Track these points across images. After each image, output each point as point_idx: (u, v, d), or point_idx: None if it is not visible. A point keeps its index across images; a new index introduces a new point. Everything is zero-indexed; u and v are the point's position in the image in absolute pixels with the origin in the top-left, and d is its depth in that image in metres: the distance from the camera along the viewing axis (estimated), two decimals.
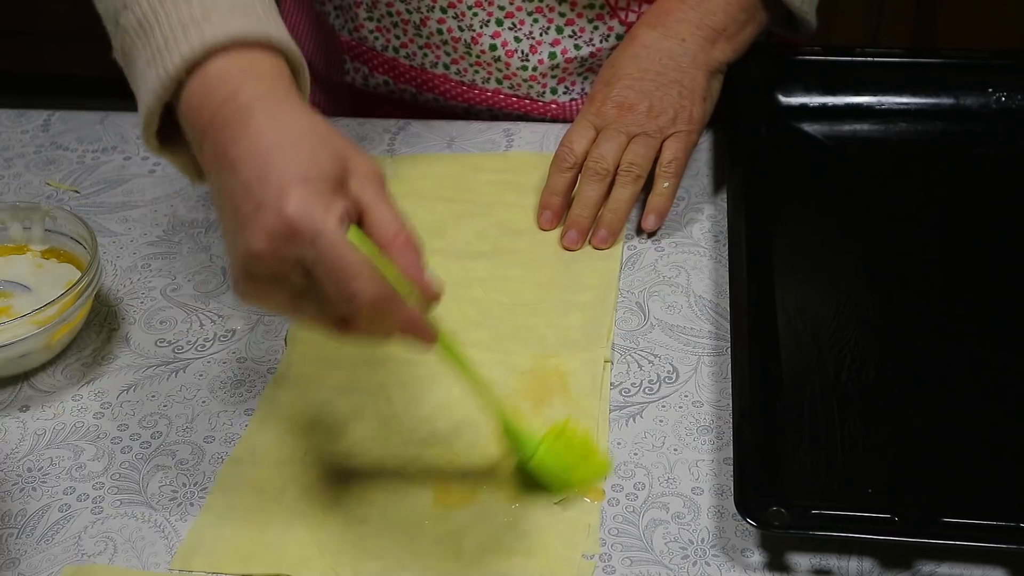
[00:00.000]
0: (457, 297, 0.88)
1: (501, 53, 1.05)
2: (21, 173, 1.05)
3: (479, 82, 1.09)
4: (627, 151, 0.96)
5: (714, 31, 1.00)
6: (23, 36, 2.60)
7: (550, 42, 1.05)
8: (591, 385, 0.84)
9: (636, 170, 0.95)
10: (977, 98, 1.05)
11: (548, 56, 1.05)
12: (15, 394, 0.86)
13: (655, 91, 0.97)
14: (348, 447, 0.80)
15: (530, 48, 1.05)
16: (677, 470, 0.79)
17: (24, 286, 0.89)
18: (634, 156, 0.96)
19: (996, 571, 0.72)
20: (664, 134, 0.97)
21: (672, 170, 0.96)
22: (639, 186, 0.96)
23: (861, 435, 0.78)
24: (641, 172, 0.95)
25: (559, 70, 1.06)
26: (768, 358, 0.83)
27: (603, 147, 0.96)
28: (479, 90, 1.10)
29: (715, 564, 0.73)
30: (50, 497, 0.78)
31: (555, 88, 1.08)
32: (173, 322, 0.91)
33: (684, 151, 0.97)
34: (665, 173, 0.96)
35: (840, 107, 1.05)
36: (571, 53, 1.05)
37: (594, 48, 1.05)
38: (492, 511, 0.76)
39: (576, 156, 0.97)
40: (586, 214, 0.95)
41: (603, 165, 0.95)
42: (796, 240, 0.93)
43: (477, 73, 1.08)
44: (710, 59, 1.00)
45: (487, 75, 1.08)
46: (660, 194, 0.96)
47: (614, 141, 0.96)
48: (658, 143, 0.97)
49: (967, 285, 0.90)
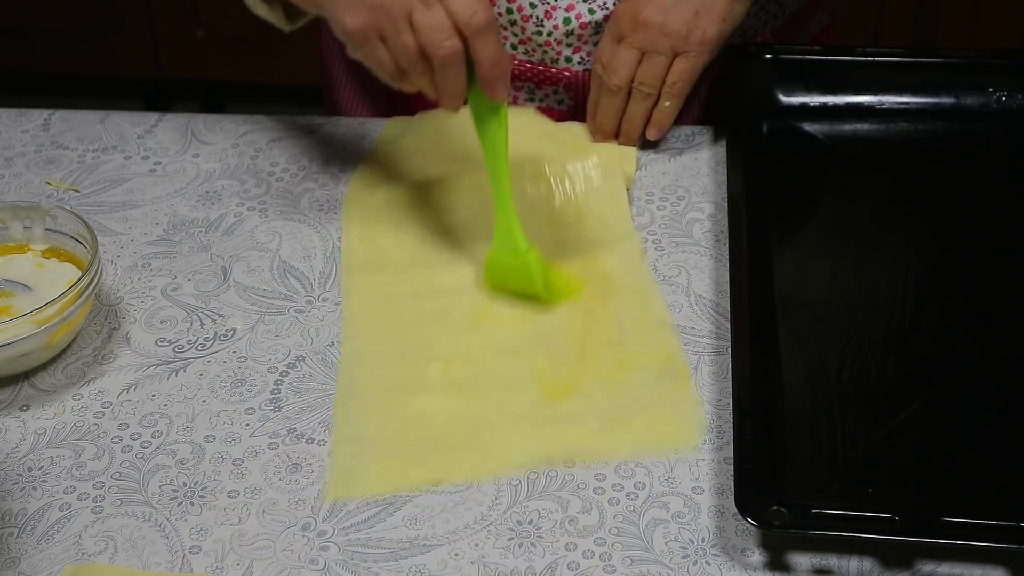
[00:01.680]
0: (487, 213, 0.93)
1: (517, 17, 1.06)
2: (21, 172, 1.05)
3: None
4: (639, 69, 1.00)
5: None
6: (24, 36, 2.59)
7: (565, 7, 1.05)
8: (637, 275, 0.92)
9: (645, 88, 1.00)
10: (978, 98, 1.05)
11: (563, 21, 1.05)
12: (15, 393, 0.86)
13: (673, 7, 0.99)
14: (443, 366, 0.85)
15: (545, 13, 1.05)
16: (677, 469, 0.79)
17: (25, 285, 0.89)
18: (643, 75, 1.00)
19: (996, 571, 0.72)
20: (675, 52, 0.99)
21: (675, 91, 1.00)
22: (650, 102, 1.01)
23: (861, 435, 0.78)
24: (651, 91, 1.00)
25: (573, 37, 1.06)
26: (768, 358, 0.83)
27: (615, 61, 1.00)
28: None
29: (715, 564, 0.73)
30: (50, 496, 0.78)
31: (569, 57, 1.08)
32: (173, 321, 0.91)
33: (690, 72, 0.99)
34: (668, 92, 1.00)
35: (840, 107, 1.05)
36: (585, 18, 1.05)
37: (608, 11, 1.05)
38: (598, 396, 0.83)
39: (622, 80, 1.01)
40: (607, 123, 1.03)
41: (615, 82, 1.00)
42: (796, 240, 0.93)
43: None
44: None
45: (503, 39, 1.09)
46: (661, 111, 1.01)
47: (626, 56, 1.00)
48: (668, 60, 0.99)
49: (968, 285, 0.90)
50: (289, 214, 1.00)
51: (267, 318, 0.91)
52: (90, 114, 1.11)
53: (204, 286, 0.94)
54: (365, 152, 1.06)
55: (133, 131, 1.09)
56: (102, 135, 1.09)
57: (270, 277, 0.94)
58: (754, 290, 0.86)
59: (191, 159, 1.06)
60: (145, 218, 1.00)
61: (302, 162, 1.05)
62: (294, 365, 0.87)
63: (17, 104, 1.15)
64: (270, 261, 0.96)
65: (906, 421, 0.79)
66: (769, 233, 0.92)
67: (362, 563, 0.74)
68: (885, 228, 0.95)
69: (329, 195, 1.02)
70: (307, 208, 1.00)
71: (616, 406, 0.82)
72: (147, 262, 0.96)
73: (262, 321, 0.90)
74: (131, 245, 0.98)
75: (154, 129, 1.10)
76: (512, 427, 0.81)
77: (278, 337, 0.89)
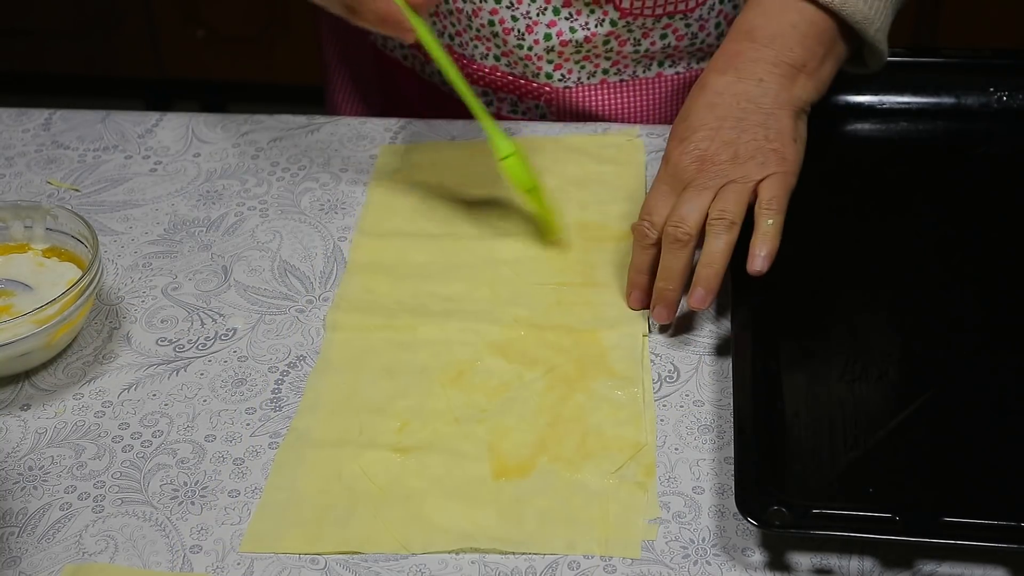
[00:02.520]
0: (488, 278, 0.92)
1: (499, 29, 1.06)
2: (22, 172, 1.05)
3: (478, 57, 1.10)
4: (715, 201, 0.85)
5: (792, 68, 0.91)
6: (24, 35, 2.60)
7: (546, 23, 1.05)
8: (632, 357, 0.85)
9: (729, 216, 0.84)
10: (978, 97, 1.05)
11: (544, 37, 1.05)
12: (16, 393, 0.86)
13: (738, 138, 0.87)
14: (400, 426, 0.82)
15: (526, 28, 1.05)
16: (678, 469, 0.79)
17: (25, 285, 0.89)
18: (724, 204, 0.85)
19: (997, 571, 0.72)
20: (755, 179, 0.86)
21: (775, 207, 0.85)
22: (734, 234, 0.84)
23: (862, 434, 0.78)
24: (734, 218, 0.84)
25: (554, 54, 1.06)
26: (769, 357, 0.83)
27: (683, 208, 0.85)
28: (477, 66, 1.10)
29: (716, 563, 0.73)
30: (51, 496, 0.78)
31: (550, 73, 1.08)
32: (174, 321, 0.91)
33: (783, 190, 0.86)
34: (767, 211, 0.85)
35: (841, 106, 1.05)
36: (566, 36, 1.05)
37: (589, 32, 1.05)
38: (550, 482, 0.78)
39: (657, 228, 0.87)
40: (672, 286, 0.85)
41: (684, 230, 0.85)
42: (797, 240, 0.93)
43: (476, 48, 1.09)
44: (793, 97, 0.91)
45: (486, 50, 1.09)
46: (764, 232, 0.84)
47: (696, 200, 0.85)
48: (750, 188, 0.86)
49: (968, 284, 0.90)
50: (290, 214, 1.00)
51: (268, 318, 0.91)
52: (91, 114, 1.11)
53: (205, 285, 0.94)
54: (364, 163, 1.06)
55: (134, 130, 1.10)
56: (103, 134, 1.09)
57: (271, 277, 0.94)
58: (755, 290, 0.86)
59: (192, 159, 1.06)
60: (146, 217, 1.00)
61: (302, 162, 1.05)
62: (295, 365, 0.87)
63: (18, 103, 1.15)
64: (271, 261, 0.96)
65: (906, 421, 0.79)
66: None
67: (362, 562, 0.74)
68: (885, 228, 0.95)
69: (329, 195, 1.02)
70: (307, 208, 1.00)
71: (562, 499, 0.76)
72: (148, 261, 0.96)
73: (263, 321, 0.90)
74: (132, 244, 0.98)
75: (155, 129, 1.10)
76: (446, 503, 0.76)
77: (279, 337, 0.89)
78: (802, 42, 0.91)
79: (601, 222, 0.97)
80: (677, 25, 1.06)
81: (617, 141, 1.05)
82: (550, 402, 0.83)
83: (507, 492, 0.77)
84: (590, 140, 1.05)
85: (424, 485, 0.78)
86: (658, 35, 1.07)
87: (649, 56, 1.09)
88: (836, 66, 0.95)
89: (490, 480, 0.78)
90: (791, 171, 0.88)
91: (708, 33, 1.08)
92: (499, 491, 0.77)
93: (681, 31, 1.07)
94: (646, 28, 1.06)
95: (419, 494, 0.77)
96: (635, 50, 1.07)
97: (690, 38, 1.08)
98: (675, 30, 1.07)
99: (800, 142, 0.90)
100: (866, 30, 0.93)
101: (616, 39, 1.06)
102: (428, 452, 0.80)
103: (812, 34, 0.92)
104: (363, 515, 0.76)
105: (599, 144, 1.05)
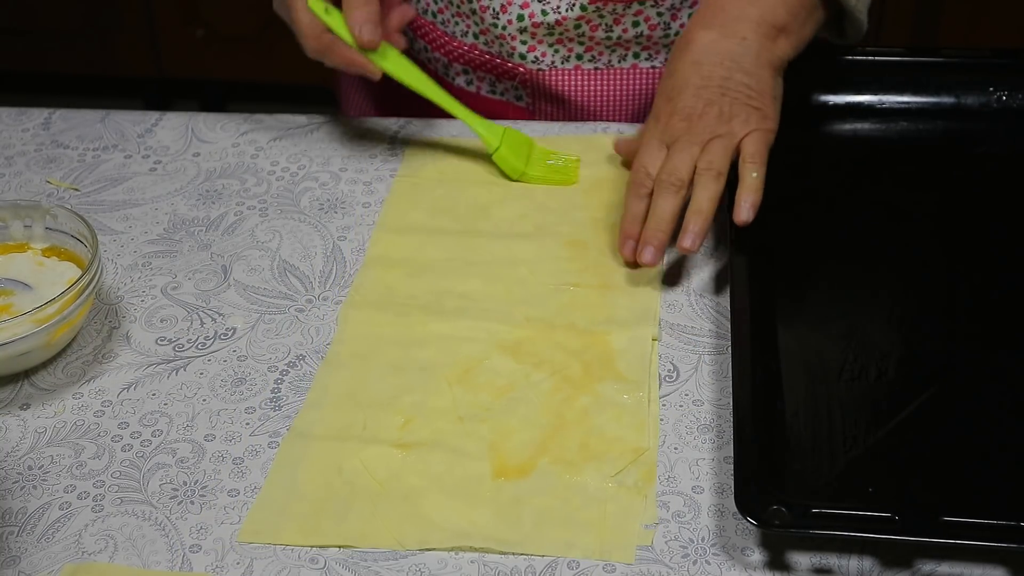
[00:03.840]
0: (503, 277, 0.93)
1: (476, 6, 1.08)
2: (22, 171, 1.05)
3: (458, 35, 1.12)
4: (703, 153, 0.91)
5: (775, 28, 0.95)
6: (24, 34, 2.59)
7: (520, 3, 1.06)
8: (640, 362, 0.85)
9: (716, 167, 0.90)
10: (978, 97, 1.05)
11: (516, 17, 1.07)
12: (16, 392, 0.86)
13: (722, 97, 0.92)
14: (403, 422, 0.82)
15: (500, 7, 1.07)
16: (678, 468, 0.79)
17: (25, 284, 0.89)
18: (711, 156, 0.90)
19: (996, 570, 0.72)
20: (739, 135, 0.92)
21: (758, 160, 0.91)
22: (721, 184, 0.90)
23: (861, 434, 0.78)
24: (721, 169, 0.90)
25: (527, 34, 1.07)
26: (769, 357, 0.83)
27: (675, 159, 0.91)
28: (458, 43, 1.12)
29: (715, 563, 0.73)
30: (51, 495, 0.78)
31: (524, 54, 1.09)
32: (174, 320, 0.91)
33: (765, 145, 0.92)
34: (751, 164, 0.91)
35: (841, 106, 1.05)
36: (538, 18, 1.06)
37: (560, 16, 1.06)
38: (550, 483, 0.78)
39: (652, 178, 0.92)
40: (663, 227, 0.90)
41: (677, 176, 0.90)
42: (796, 239, 0.93)
43: (457, 25, 1.11)
44: (773, 56, 0.95)
45: (465, 28, 1.11)
46: (749, 185, 0.90)
47: (686, 152, 0.91)
48: (735, 143, 0.92)
49: (967, 284, 0.90)
50: (289, 213, 1.00)
51: (267, 317, 0.91)
52: (90, 113, 1.11)
53: (204, 285, 0.94)
54: (364, 162, 1.06)
55: (133, 130, 1.09)
56: (102, 134, 1.09)
57: (270, 276, 0.94)
58: (754, 289, 0.86)
59: (191, 158, 1.06)
60: (145, 217, 1.00)
61: (302, 161, 1.05)
62: (294, 364, 0.87)
63: (18, 103, 1.15)
64: (270, 260, 0.96)
65: (906, 421, 0.79)
66: (769, 232, 0.92)
67: (362, 562, 0.74)
68: (885, 227, 0.95)
69: (329, 194, 1.02)
70: (307, 207, 1.00)
71: (560, 500, 0.76)
72: (147, 261, 0.96)
73: (262, 320, 0.90)
74: (131, 244, 0.98)
75: (154, 128, 1.10)
76: (444, 501, 0.76)
77: (278, 336, 0.89)
78: (785, 3, 0.96)
79: None
80: (649, 13, 1.07)
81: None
82: (555, 403, 0.83)
83: (506, 492, 0.77)
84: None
85: (424, 482, 0.78)
86: (630, 22, 1.07)
87: (623, 45, 1.09)
88: (815, 28, 0.99)
89: (490, 479, 0.78)
90: (771, 128, 0.93)
91: (682, 24, 1.08)
92: (498, 491, 0.77)
93: (653, 20, 1.08)
94: (617, 14, 1.07)
95: (418, 491, 0.77)
96: (607, 36, 1.08)
97: (663, 28, 1.08)
98: (647, 18, 1.07)
99: (778, 100, 0.95)
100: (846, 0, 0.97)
101: (587, 23, 1.07)
102: (430, 449, 0.80)
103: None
104: (361, 510, 0.76)
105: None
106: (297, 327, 0.90)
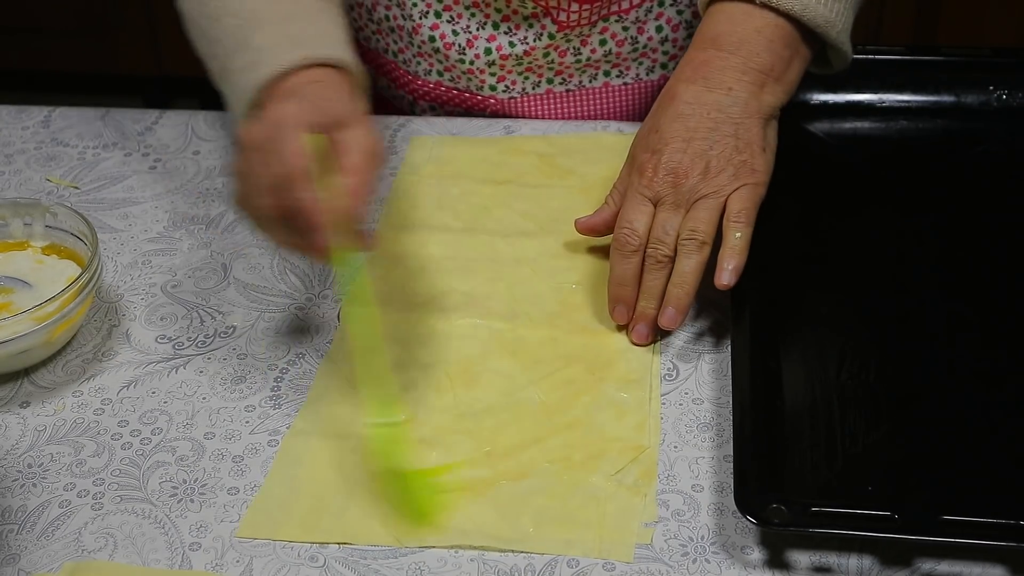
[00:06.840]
0: (505, 275, 0.93)
1: (440, 45, 1.07)
2: (22, 169, 1.05)
3: (422, 74, 1.11)
4: (686, 219, 0.86)
5: (761, 74, 0.90)
6: (24, 32, 2.59)
7: (486, 37, 1.06)
8: (641, 360, 0.85)
9: (699, 236, 0.85)
10: (978, 96, 1.05)
11: (484, 52, 1.06)
12: (15, 390, 0.86)
13: (709, 150, 0.87)
14: (404, 420, 0.82)
15: (467, 42, 1.06)
16: (677, 467, 0.79)
17: (25, 282, 0.89)
18: (695, 222, 0.86)
19: (995, 569, 0.72)
20: (727, 192, 0.87)
21: (743, 219, 0.86)
22: (705, 253, 0.86)
23: (861, 433, 0.78)
24: (705, 238, 0.85)
25: (496, 67, 1.07)
26: (768, 355, 0.83)
27: (660, 229, 0.86)
28: (422, 82, 1.12)
29: (715, 561, 0.73)
30: (50, 493, 0.78)
31: (494, 85, 1.09)
32: (173, 318, 0.91)
33: (752, 202, 0.87)
34: (735, 224, 0.86)
35: (841, 105, 1.05)
36: (506, 50, 1.06)
37: (528, 46, 1.06)
38: (549, 481, 0.78)
39: (640, 237, 0.87)
40: (652, 305, 0.87)
41: (663, 251, 0.86)
42: (796, 238, 0.93)
43: (420, 64, 1.10)
44: (762, 105, 0.90)
45: (428, 66, 1.10)
46: (732, 246, 0.85)
47: (673, 217, 0.87)
48: (721, 203, 0.86)
49: (967, 283, 0.90)
50: None
51: (267, 315, 0.91)
52: (90, 111, 1.11)
53: (204, 283, 0.94)
54: None
55: (133, 128, 1.10)
56: (102, 132, 1.09)
57: (270, 274, 0.94)
58: (754, 288, 0.86)
59: (191, 156, 1.06)
60: (145, 215, 1.00)
61: None
62: (294, 362, 0.87)
63: (17, 101, 1.15)
64: (270, 258, 0.96)
65: (906, 420, 0.79)
66: (769, 231, 0.92)
67: (361, 560, 0.74)
68: (884, 226, 0.95)
69: None
70: None
71: (560, 499, 0.76)
72: (147, 259, 0.96)
73: (262, 318, 0.90)
74: (131, 242, 0.98)
75: (154, 126, 1.10)
76: (444, 499, 0.76)
77: (278, 334, 0.89)
78: (768, 47, 0.90)
79: None
80: (614, 29, 1.06)
81: None
82: (556, 401, 0.83)
83: (505, 490, 0.77)
84: (627, 140, 1.05)
85: (424, 482, 0.78)
86: (597, 41, 1.07)
87: (593, 65, 1.09)
88: (802, 68, 0.94)
89: (489, 478, 0.78)
90: (761, 181, 0.88)
91: (649, 37, 1.08)
92: (497, 489, 0.77)
93: (620, 35, 1.07)
94: (584, 36, 1.06)
95: (418, 491, 0.77)
96: (576, 59, 1.08)
97: (631, 42, 1.08)
98: (613, 34, 1.07)
99: (770, 151, 0.90)
100: (828, 33, 0.92)
101: (556, 50, 1.07)
102: (430, 447, 0.80)
103: (777, 38, 0.90)
104: (360, 506, 0.77)
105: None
106: (297, 325, 0.90)
